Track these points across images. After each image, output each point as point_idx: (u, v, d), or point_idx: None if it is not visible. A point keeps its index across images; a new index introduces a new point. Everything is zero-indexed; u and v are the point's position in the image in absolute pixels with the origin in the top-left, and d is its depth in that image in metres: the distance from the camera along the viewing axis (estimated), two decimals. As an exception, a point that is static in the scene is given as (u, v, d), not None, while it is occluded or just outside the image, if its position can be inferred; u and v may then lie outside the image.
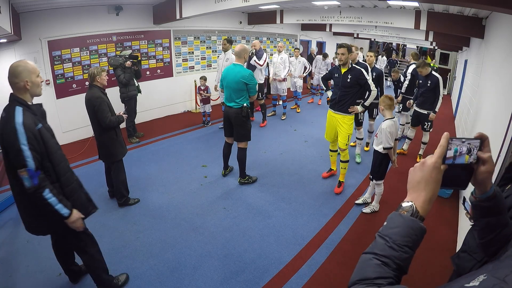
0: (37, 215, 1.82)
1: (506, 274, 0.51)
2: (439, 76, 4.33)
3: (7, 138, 1.61)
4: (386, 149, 3.09)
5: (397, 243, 0.63)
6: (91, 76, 2.94)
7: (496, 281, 0.51)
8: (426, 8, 5.02)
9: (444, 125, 7.09)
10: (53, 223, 1.84)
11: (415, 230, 0.65)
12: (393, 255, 0.63)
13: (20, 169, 1.61)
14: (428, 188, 0.69)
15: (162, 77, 6.66)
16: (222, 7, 4.51)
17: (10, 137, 1.59)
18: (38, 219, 1.85)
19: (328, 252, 2.77)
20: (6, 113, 1.66)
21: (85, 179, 3.90)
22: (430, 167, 0.70)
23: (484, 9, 3.21)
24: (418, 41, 10.70)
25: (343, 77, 3.53)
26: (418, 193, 0.70)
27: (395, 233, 0.65)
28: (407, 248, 0.63)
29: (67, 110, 5.08)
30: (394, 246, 0.63)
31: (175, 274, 2.47)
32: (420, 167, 0.72)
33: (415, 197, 0.70)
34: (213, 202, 3.52)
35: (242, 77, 3.45)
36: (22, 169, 1.61)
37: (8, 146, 1.62)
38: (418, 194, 0.69)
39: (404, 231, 0.64)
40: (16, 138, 1.58)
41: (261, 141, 5.44)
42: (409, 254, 0.63)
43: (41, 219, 1.84)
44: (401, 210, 0.69)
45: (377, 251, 0.65)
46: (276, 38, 9.74)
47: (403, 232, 0.64)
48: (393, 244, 0.64)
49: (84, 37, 5.17)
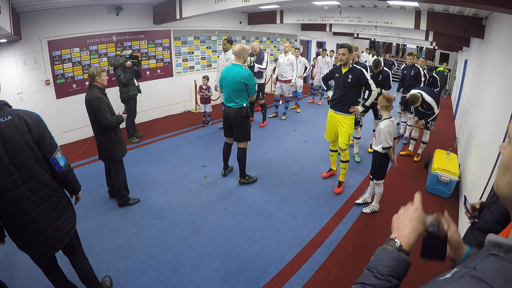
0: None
1: (477, 263, 0.56)
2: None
3: (42, 130, 1.68)
4: (385, 149, 3.09)
5: (381, 273, 0.71)
6: (90, 76, 2.94)
7: (466, 270, 0.56)
8: (426, 8, 5.02)
9: (444, 125, 7.09)
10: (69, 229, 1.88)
11: (398, 261, 0.72)
12: (378, 283, 0.70)
13: (55, 151, 1.71)
14: (411, 226, 0.78)
15: (162, 77, 6.66)
16: (222, 7, 4.51)
17: (42, 128, 1.68)
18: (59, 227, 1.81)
19: (328, 252, 2.77)
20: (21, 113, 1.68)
21: (85, 179, 3.94)
22: (413, 208, 0.82)
23: (484, 9, 3.20)
24: (418, 41, 10.70)
25: (343, 77, 3.53)
26: (402, 230, 0.79)
27: (379, 264, 0.73)
28: (391, 277, 0.70)
29: (67, 110, 5.08)
30: (379, 275, 0.71)
31: (175, 274, 2.47)
32: (404, 211, 0.84)
33: (399, 234, 0.79)
34: (213, 202, 3.53)
35: (241, 77, 3.45)
36: (56, 151, 1.72)
37: (43, 137, 1.68)
38: (402, 231, 0.79)
39: (388, 263, 0.72)
40: (45, 127, 1.70)
41: (261, 141, 5.44)
42: (393, 283, 0.70)
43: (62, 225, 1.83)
44: (386, 245, 0.77)
45: (364, 280, 0.72)
46: (276, 38, 9.73)
47: (387, 263, 0.72)
48: (378, 274, 0.71)
49: (84, 37, 5.17)
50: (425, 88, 4.80)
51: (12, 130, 1.55)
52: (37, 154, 1.64)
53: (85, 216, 3.16)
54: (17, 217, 1.63)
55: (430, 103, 4.26)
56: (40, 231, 1.71)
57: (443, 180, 3.72)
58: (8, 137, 1.54)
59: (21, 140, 1.58)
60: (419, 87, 4.83)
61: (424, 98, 4.24)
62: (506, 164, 0.60)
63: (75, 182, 1.89)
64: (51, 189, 1.73)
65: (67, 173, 1.79)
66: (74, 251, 2.02)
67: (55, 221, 1.76)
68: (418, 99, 4.18)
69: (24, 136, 1.59)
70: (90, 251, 2.58)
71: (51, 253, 1.81)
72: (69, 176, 1.81)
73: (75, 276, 2.11)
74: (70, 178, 1.83)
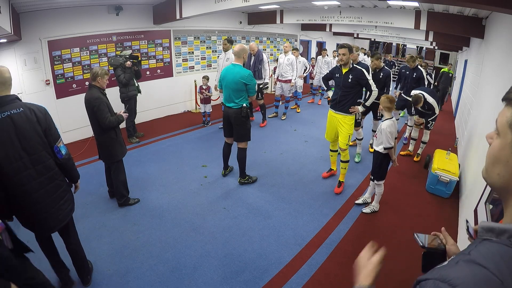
0: None
1: (471, 249, 0.59)
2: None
3: (48, 122, 1.90)
4: (386, 149, 3.09)
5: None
6: (93, 74, 2.93)
7: (461, 256, 0.59)
8: (426, 8, 5.02)
9: (444, 125, 7.09)
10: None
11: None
12: None
13: (57, 141, 1.93)
14: (367, 272, 0.89)
15: (162, 77, 6.66)
16: (222, 7, 4.51)
17: (49, 119, 1.91)
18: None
19: (328, 252, 2.77)
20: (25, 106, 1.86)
21: (85, 179, 3.94)
22: (365, 257, 0.93)
23: (484, 9, 3.20)
24: (418, 41, 10.68)
25: (344, 77, 3.53)
26: (362, 277, 0.89)
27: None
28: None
29: (67, 110, 5.08)
30: None
31: (175, 274, 2.47)
32: (361, 258, 0.95)
33: (360, 278, 0.88)
34: (213, 202, 3.52)
35: (241, 77, 3.45)
36: (58, 140, 1.94)
37: (49, 127, 1.90)
38: (362, 277, 0.88)
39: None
40: (51, 119, 1.94)
41: (261, 141, 5.44)
42: None
43: None
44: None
45: None
46: (276, 38, 9.74)
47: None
48: None
49: (84, 37, 5.17)
50: (426, 88, 4.81)
51: (23, 120, 1.78)
52: (44, 142, 1.87)
53: (85, 216, 3.16)
54: (24, 197, 1.83)
55: (431, 103, 4.27)
56: (44, 209, 1.91)
57: (443, 180, 3.72)
58: (20, 126, 1.76)
59: (32, 129, 1.80)
60: (420, 87, 4.83)
61: (426, 99, 4.25)
62: (496, 156, 0.63)
63: (74, 170, 2.11)
64: (55, 172, 1.95)
65: (68, 160, 2.01)
66: (70, 232, 2.20)
67: (57, 201, 1.97)
68: (420, 100, 4.19)
69: (34, 125, 1.81)
70: (90, 251, 2.59)
71: (54, 230, 2.02)
72: (69, 163, 2.04)
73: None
74: (70, 166, 2.05)
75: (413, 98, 4.25)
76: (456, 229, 3.17)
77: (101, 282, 2.38)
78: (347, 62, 3.47)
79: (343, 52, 3.41)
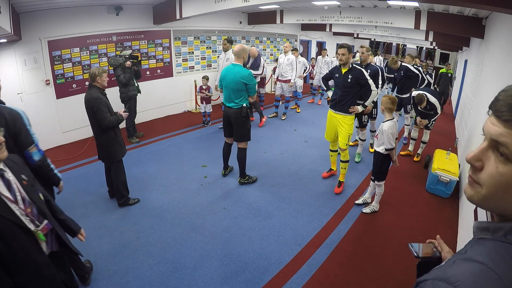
0: None
1: (467, 248, 0.61)
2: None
3: (18, 127, 1.86)
4: (388, 150, 3.09)
5: None
6: (92, 76, 2.93)
7: (458, 256, 0.61)
8: (426, 8, 5.02)
9: (444, 125, 7.09)
10: None
11: None
12: None
13: (29, 147, 1.90)
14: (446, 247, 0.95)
15: (162, 77, 6.66)
16: (222, 7, 4.51)
17: (18, 124, 1.87)
18: None
19: (328, 252, 2.77)
20: None
21: (85, 179, 3.95)
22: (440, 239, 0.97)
23: (484, 9, 3.21)
24: (418, 41, 10.68)
25: (343, 77, 3.53)
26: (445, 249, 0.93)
27: None
28: None
29: (67, 110, 5.08)
30: None
31: (175, 274, 2.47)
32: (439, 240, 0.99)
33: (444, 254, 0.92)
34: (213, 202, 3.53)
35: (241, 77, 3.45)
36: (31, 146, 1.90)
37: (18, 133, 1.86)
38: (445, 250, 0.93)
39: None
40: (23, 124, 1.89)
41: (261, 141, 5.44)
42: None
43: None
44: None
45: None
46: (276, 38, 9.74)
47: None
48: None
49: (84, 37, 5.17)
50: (427, 88, 4.80)
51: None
52: (15, 146, 1.86)
53: (85, 216, 3.16)
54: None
55: (434, 103, 4.26)
56: None
57: (443, 180, 3.72)
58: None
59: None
60: (420, 88, 4.83)
61: (428, 99, 4.24)
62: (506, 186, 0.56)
63: (52, 175, 2.08)
64: None
65: (41, 166, 1.99)
66: None
67: None
68: (424, 99, 4.19)
69: None
70: (90, 251, 2.60)
71: None
72: (43, 169, 2.01)
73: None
74: (45, 171, 2.03)
75: (416, 98, 4.23)
76: (456, 230, 3.17)
77: (101, 282, 2.37)
78: (346, 62, 3.47)
79: (343, 52, 3.42)
